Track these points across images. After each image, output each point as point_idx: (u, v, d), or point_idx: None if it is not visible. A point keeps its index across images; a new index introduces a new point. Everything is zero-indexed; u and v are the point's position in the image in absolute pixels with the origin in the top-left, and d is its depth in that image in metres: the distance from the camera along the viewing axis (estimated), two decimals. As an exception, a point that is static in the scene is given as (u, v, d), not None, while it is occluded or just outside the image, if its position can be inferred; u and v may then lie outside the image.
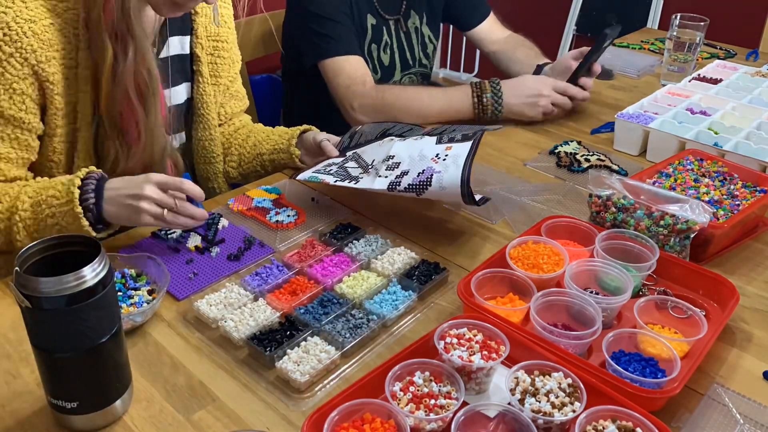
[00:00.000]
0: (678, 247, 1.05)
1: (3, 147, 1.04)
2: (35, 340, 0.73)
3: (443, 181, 1.05)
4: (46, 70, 1.03)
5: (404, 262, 1.05)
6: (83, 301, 0.70)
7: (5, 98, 1.01)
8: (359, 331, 0.91)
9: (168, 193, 1.00)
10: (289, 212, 1.20)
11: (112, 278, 0.73)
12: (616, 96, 1.77)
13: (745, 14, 2.61)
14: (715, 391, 0.85)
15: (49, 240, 0.74)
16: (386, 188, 1.10)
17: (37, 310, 0.69)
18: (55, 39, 1.03)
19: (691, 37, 1.79)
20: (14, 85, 1.01)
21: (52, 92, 1.05)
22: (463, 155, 1.06)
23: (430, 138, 1.17)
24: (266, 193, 1.26)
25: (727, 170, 1.24)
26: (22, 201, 1.00)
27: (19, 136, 1.05)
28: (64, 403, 0.75)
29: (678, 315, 0.93)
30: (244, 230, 1.15)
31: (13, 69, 1.01)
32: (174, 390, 0.84)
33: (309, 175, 1.19)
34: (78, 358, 0.73)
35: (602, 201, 1.12)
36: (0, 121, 1.03)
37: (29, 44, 1.00)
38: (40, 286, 0.68)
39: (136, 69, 1.06)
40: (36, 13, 1.01)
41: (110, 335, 0.74)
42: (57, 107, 1.06)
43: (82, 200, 0.98)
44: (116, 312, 0.76)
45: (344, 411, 0.74)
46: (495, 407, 0.76)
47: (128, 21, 1.03)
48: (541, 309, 0.91)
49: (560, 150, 1.44)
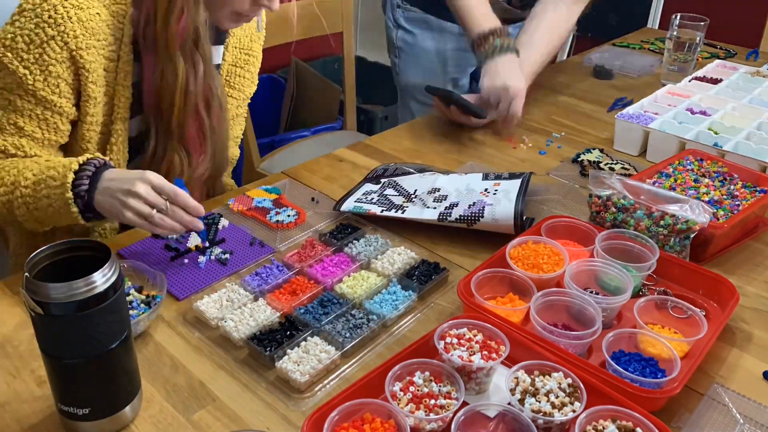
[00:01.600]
0: (678, 247, 1.05)
1: (30, 125, 1.05)
2: (45, 346, 0.72)
3: (496, 214, 1.11)
4: (84, 57, 1.03)
5: (404, 262, 1.05)
6: (94, 307, 0.69)
7: (40, 79, 1.02)
8: (359, 331, 0.91)
9: (162, 196, 0.98)
10: (289, 212, 1.20)
11: (122, 283, 0.73)
12: (616, 96, 1.77)
13: (745, 14, 2.62)
14: (715, 391, 0.85)
15: (58, 245, 0.74)
16: (437, 218, 1.14)
17: (48, 316, 0.69)
18: (98, 29, 1.04)
19: (691, 37, 1.79)
20: (50, 67, 1.02)
21: (87, 80, 1.05)
22: (514, 190, 1.14)
23: (475, 175, 1.24)
24: (266, 193, 1.26)
25: (727, 170, 1.24)
26: (25, 177, 1.01)
27: (48, 118, 1.05)
28: (75, 409, 0.74)
29: (678, 315, 0.93)
30: (244, 230, 1.15)
31: (52, 51, 1.01)
32: (174, 390, 0.84)
33: (353, 206, 1.19)
34: (89, 363, 0.72)
35: (602, 201, 1.12)
36: (32, 100, 1.03)
37: (72, 29, 1.01)
38: (50, 292, 0.67)
39: (205, 84, 1.10)
40: (85, 0, 1.02)
41: (120, 340, 0.74)
42: (89, 95, 1.07)
43: (75, 185, 0.97)
44: (126, 317, 0.76)
45: (344, 411, 0.74)
46: (495, 407, 0.76)
47: (198, 39, 1.06)
48: (541, 309, 0.91)
49: (583, 158, 1.42)
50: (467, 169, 1.36)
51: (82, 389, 0.74)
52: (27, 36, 1.00)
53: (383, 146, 1.48)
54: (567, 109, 1.68)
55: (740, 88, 1.64)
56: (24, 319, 0.93)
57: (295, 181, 1.31)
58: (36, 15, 1.00)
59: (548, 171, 1.39)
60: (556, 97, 1.76)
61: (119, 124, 1.11)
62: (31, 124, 1.05)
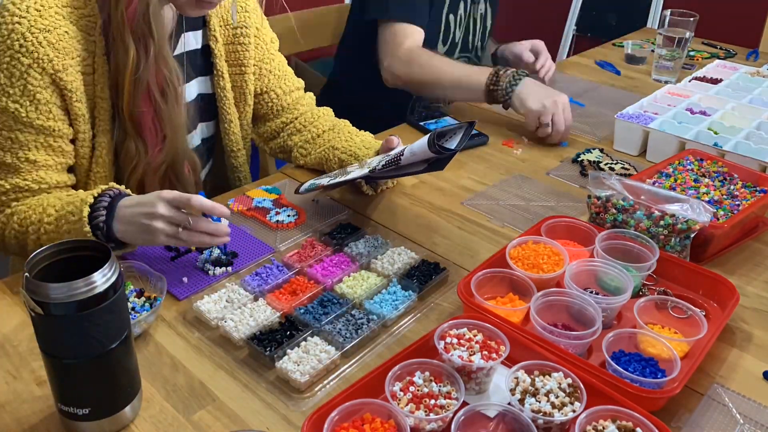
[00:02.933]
0: (678, 247, 1.05)
1: (39, 155, 1.05)
2: (45, 346, 0.72)
3: (414, 148, 1.04)
4: (63, 78, 1.03)
5: (404, 262, 1.05)
6: (94, 307, 0.69)
7: (31, 109, 1.02)
8: (359, 331, 0.91)
9: (181, 210, 0.97)
10: (289, 212, 1.20)
11: (122, 283, 0.73)
12: (616, 96, 1.77)
13: (745, 14, 2.61)
14: (715, 391, 0.85)
15: (58, 245, 0.73)
16: (367, 171, 1.10)
17: (48, 316, 0.69)
18: (71, 47, 1.03)
19: (681, 34, 1.80)
20: (37, 95, 1.02)
21: (72, 99, 1.05)
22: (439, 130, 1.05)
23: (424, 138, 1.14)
24: (266, 193, 1.26)
25: (727, 170, 1.24)
26: (48, 214, 1.01)
27: (52, 144, 1.06)
28: (75, 409, 0.74)
29: (678, 315, 0.93)
30: (244, 230, 1.15)
31: (33, 80, 1.01)
32: (174, 390, 0.84)
33: (308, 184, 1.21)
34: (89, 364, 0.72)
35: (602, 202, 1.12)
36: (31, 131, 1.03)
37: (45, 54, 1.00)
38: (50, 292, 0.67)
39: (157, 68, 1.07)
40: (51, 21, 1.01)
41: (120, 340, 0.74)
42: (77, 113, 1.07)
43: (92, 218, 0.97)
44: (126, 317, 0.75)
45: (344, 411, 0.74)
46: (495, 407, 0.76)
47: (148, 22, 1.04)
48: (541, 309, 0.91)
49: (583, 158, 1.42)
50: None
51: (82, 389, 0.74)
52: (6, 70, 1.00)
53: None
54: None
55: (740, 88, 1.64)
56: (24, 319, 0.93)
57: (295, 181, 1.31)
58: (7, 47, 0.99)
59: (548, 171, 1.39)
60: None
61: (102, 137, 1.10)
62: (40, 154, 1.05)
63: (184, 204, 0.96)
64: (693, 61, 2.04)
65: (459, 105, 1.70)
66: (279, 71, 1.37)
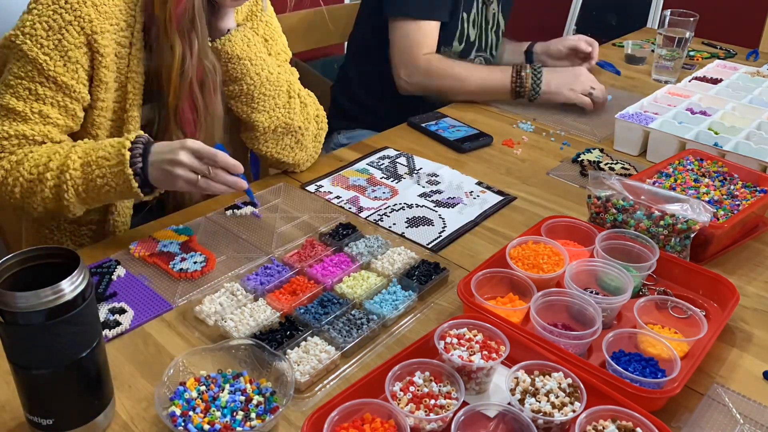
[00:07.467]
0: (679, 247, 1.05)
1: (53, 112, 1.06)
2: (11, 356, 0.70)
3: (463, 212, 1.22)
4: (98, 41, 1.05)
5: (404, 262, 1.05)
6: (61, 316, 0.67)
7: (60, 64, 1.03)
8: (359, 331, 0.91)
9: (203, 161, 1.01)
10: (196, 258, 1.06)
11: (91, 291, 0.70)
12: (616, 96, 1.77)
13: (745, 14, 2.62)
14: (715, 391, 0.85)
15: (27, 252, 0.71)
16: (417, 195, 1.27)
17: (13, 326, 0.66)
18: (112, 13, 1.06)
19: (681, 34, 1.80)
20: (69, 53, 1.03)
21: (100, 64, 1.07)
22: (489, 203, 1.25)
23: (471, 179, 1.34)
24: (176, 235, 1.12)
25: (727, 170, 1.24)
26: (72, 160, 1.02)
27: (67, 105, 1.07)
28: (39, 419, 0.72)
29: (678, 315, 0.93)
30: (140, 281, 1.02)
31: (70, 37, 1.03)
32: (174, 390, 0.84)
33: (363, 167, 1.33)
34: (56, 374, 0.70)
35: (602, 202, 1.12)
36: (53, 87, 1.05)
37: (87, 14, 1.03)
38: (17, 301, 0.65)
39: (199, 61, 1.11)
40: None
41: (90, 350, 0.71)
42: (101, 80, 1.08)
43: (132, 163, 1.00)
44: (96, 326, 0.73)
45: (344, 411, 0.74)
46: (495, 407, 0.76)
47: (194, 19, 1.07)
48: (541, 309, 0.91)
49: (583, 158, 1.42)
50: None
51: (49, 400, 0.72)
52: (45, 23, 1.02)
53: (383, 146, 1.48)
54: (568, 108, 1.68)
55: (740, 88, 1.64)
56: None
57: (296, 182, 1.31)
58: (53, 1, 1.02)
59: (548, 171, 1.39)
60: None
61: (134, 111, 1.13)
62: (54, 111, 1.06)
63: (208, 157, 1.01)
64: (693, 61, 2.04)
65: (458, 105, 1.70)
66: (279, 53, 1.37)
